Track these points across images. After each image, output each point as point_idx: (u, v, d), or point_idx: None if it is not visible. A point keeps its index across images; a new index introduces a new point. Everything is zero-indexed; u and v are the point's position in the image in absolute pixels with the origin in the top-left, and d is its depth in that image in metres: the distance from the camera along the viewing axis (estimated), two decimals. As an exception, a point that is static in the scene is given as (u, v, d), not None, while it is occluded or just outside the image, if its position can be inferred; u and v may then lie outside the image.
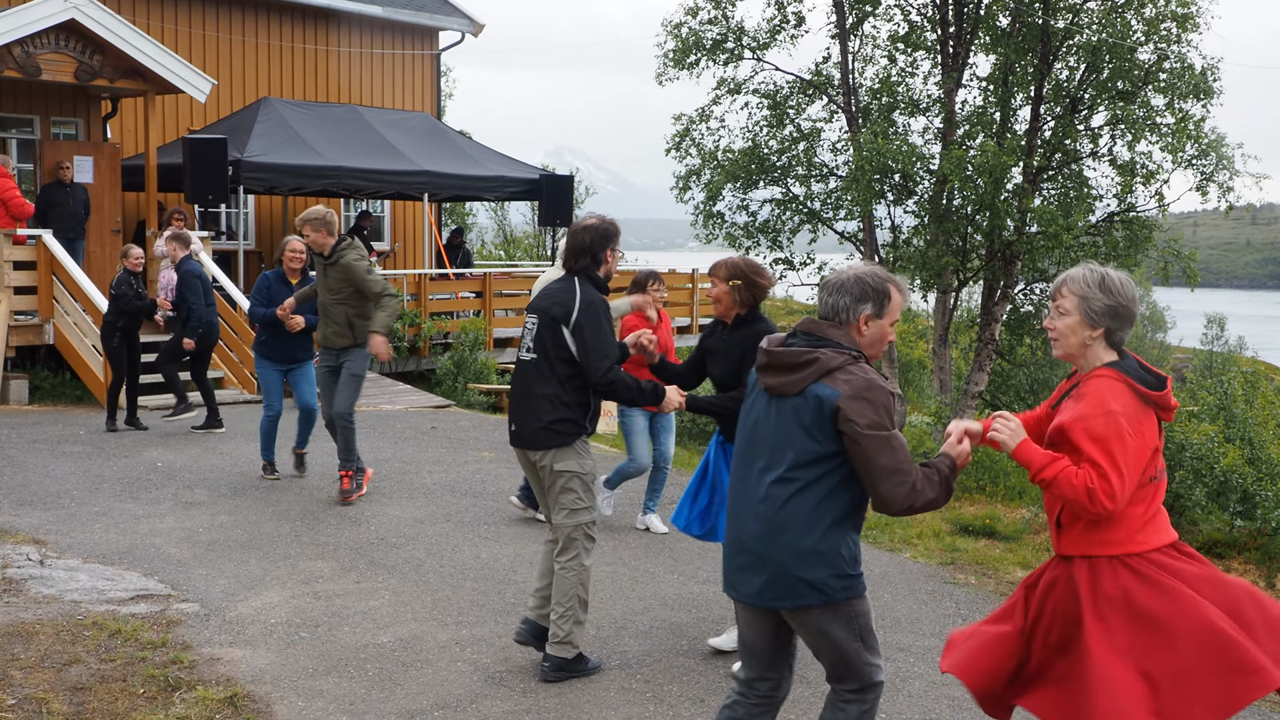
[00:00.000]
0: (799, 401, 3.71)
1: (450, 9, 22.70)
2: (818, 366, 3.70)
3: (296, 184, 18.09)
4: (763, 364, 3.81)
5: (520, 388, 5.51)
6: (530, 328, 5.48)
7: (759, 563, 3.77)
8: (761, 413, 3.82)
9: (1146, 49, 20.87)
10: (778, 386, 3.75)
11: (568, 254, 5.52)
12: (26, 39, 14.31)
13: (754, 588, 3.79)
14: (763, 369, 3.82)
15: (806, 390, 3.70)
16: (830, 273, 3.93)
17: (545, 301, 5.45)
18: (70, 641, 5.69)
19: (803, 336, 3.81)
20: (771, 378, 3.78)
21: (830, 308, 3.81)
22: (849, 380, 3.67)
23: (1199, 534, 12.09)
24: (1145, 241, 21.85)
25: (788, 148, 23.29)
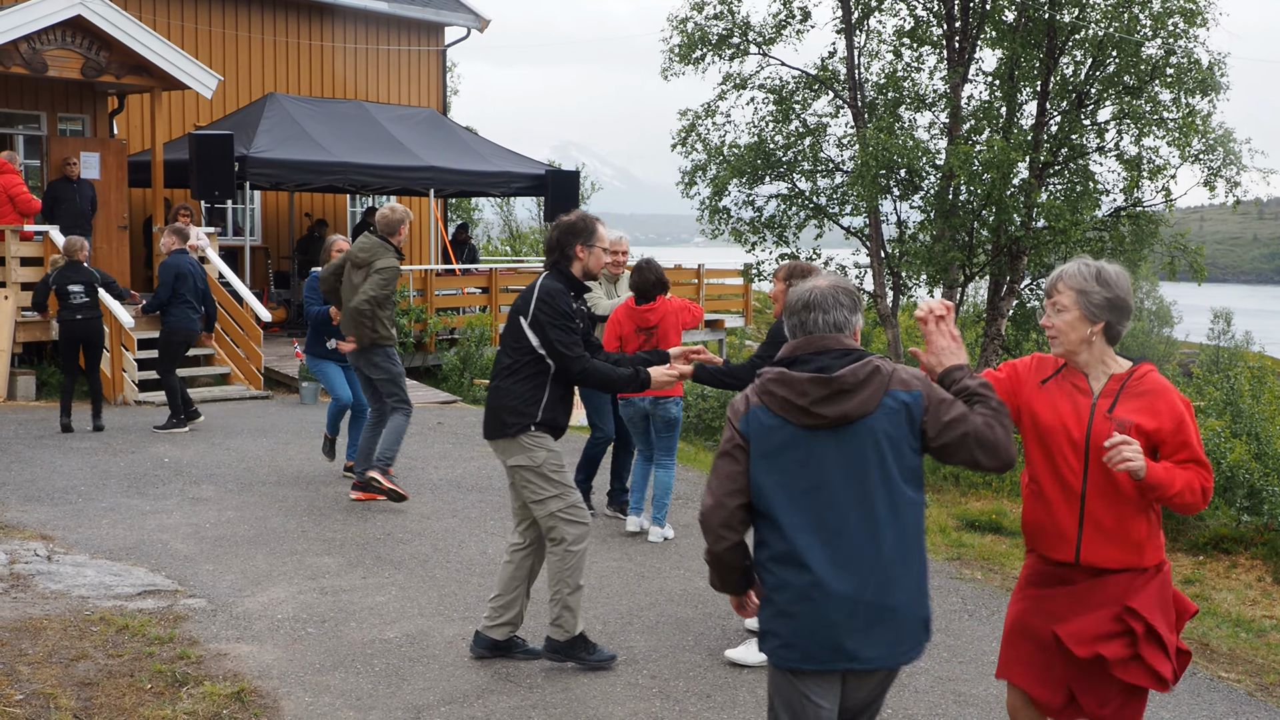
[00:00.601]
0: (878, 419, 3.32)
1: (456, 4, 22.70)
2: (883, 374, 3.35)
3: (302, 180, 18.11)
4: (824, 395, 3.32)
5: (491, 380, 5.68)
6: (507, 326, 5.62)
7: (889, 616, 3.31)
8: (821, 456, 3.34)
9: (1154, 44, 20.81)
10: (854, 410, 3.31)
11: (547, 248, 5.64)
12: (33, 35, 14.33)
13: (883, 649, 3.32)
14: (828, 399, 3.32)
15: (883, 402, 3.33)
16: (798, 292, 3.53)
17: (518, 299, 5.59)
18: (78, 637, 5.71)
19: (833, 355, 3.40)
20: (840, 404, 3.32)
21: (833, 324, 3.44)
22: (911, 376, 3.41)
23: (1205, 529, 12.08)
24: (1152, 236, 21.81)
25: (794, 143, 23.25)
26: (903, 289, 22.87)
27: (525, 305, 5.47)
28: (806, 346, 3.46)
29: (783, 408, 3.37)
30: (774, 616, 3.38)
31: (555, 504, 5.47)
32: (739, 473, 3.42)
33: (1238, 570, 11.08)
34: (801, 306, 3.50)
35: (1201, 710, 5.54)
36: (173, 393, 11.59)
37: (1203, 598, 9.40)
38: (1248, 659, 6.55)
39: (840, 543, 3.30)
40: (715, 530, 3.46)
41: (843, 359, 3.38)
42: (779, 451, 3.37)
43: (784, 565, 3.34)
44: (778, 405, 3.38)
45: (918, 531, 3.37)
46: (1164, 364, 36.56)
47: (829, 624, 3.29)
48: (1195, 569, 11.12)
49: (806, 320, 3.48)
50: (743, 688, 5.42)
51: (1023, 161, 20.23)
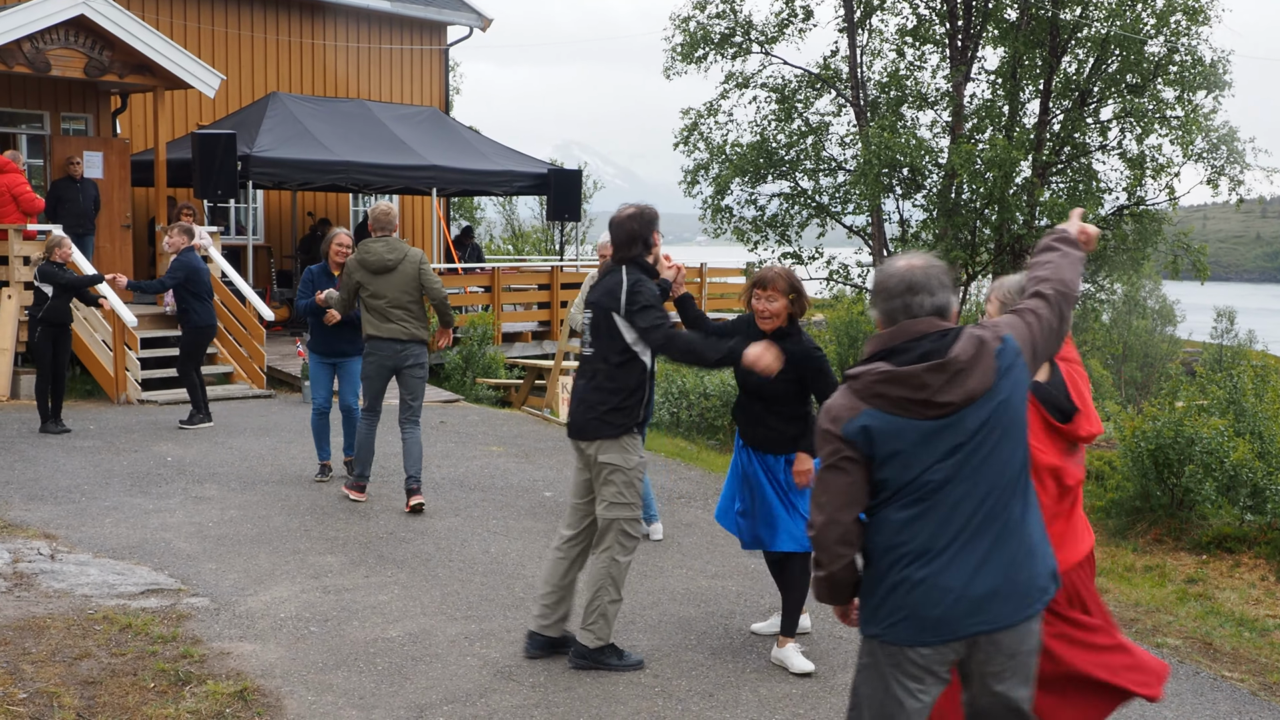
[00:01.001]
0: (1000, 388, 3.22)
1: (458, 4, 22.70)
2: (986, 340, 3.24)
3: (305, 179, 18.11)
4: (945, 381, 3.17)
5: (578, 380, 5.61)
6: (587, 322, 5.56)
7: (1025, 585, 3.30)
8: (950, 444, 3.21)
9: (1156, 42, 20.81)
10: (978, 386, 3.19)
11: (617, 245, 5.55)
12: (36, 35, 14.34)
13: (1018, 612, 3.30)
14: (949, 384, 3.17)
15: (997, 364, 3.23)
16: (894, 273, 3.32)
17: (597, 294, 5.53)
18: (81, 636, 5.71)
19: (932, 340, 3.25)
20: (963, 386, 3.18)
21: (936, 306, 3.28)
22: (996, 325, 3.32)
23: (1209, 528, 12.07)
24: (1155, 235, 21.82)
25: (796, 142, 23.26)
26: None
27: (614, 302, 5.42)
28: (901, 335, 3.27)
29: (900, 406, 3.20)
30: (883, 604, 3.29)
31: (625, 512, 5.48)
32: (851, 484, 3.24)
33: (1241, 569, 11.08)
34: (904, 289, 3.28)
35: (1205, 710, 5.53)
36: (194, 389, 11.75)
37: (1206, 597, 9.40)
38: (1251, 658, 6.55)
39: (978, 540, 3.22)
40: (831, 548, 3.28)
41: (942, 340, 3.23)
42: (908, 450, 3.21)
43: (916, 564, 3.23)
44: (893, 405, 3.20)
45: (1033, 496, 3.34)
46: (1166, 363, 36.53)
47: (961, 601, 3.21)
48: (1199, 568, 11.12)
49: (910, 303, 3.28)
50: (745, 686, 5.43)
51: (1025, 160, 20.24)
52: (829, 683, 5.46)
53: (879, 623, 3.30)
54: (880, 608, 3.29)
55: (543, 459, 10.66)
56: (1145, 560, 11.32)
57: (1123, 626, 6.78)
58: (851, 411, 3.24)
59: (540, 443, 11.52)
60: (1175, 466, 12.13)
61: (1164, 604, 7.64)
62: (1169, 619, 7.16)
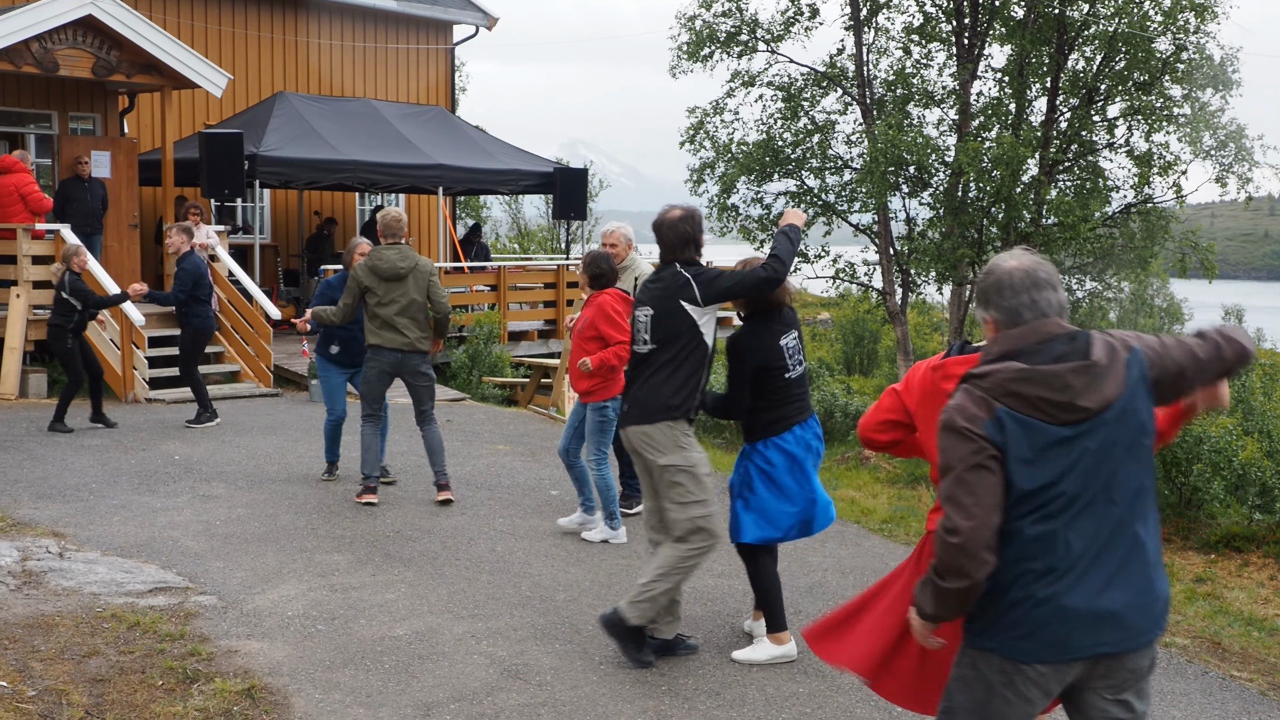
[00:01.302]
0: (1130, 390, 3.10)
1: (464, 3, 22.71)
2: (1115, 345, 3.13)
3: (312, 178, 18.13)
4: (1086, 384, 3.06)
5: (635, 377, 5.65)
6: (645, 320, 5.56)
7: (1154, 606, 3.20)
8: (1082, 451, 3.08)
9: (1164, 39, 20.75)
10: (1113, 392, 3.08)
11: (669, 247, 5.58)
12: (44, 35, 14.37)
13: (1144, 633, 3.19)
14: (1089, 388, 3.06)
15: (1126, 372, 3.11)
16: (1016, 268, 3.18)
17: (656, 293, 5.55)
18: (89, 633, 5.73)
19: (1062, 341, 3.12)
20: (1101, 390, 3.07)
21: (1059, 304, 3.19)
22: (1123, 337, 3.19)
23: (1217, 527, 12.04)
24: (1162, 233, 21.76)
25: (802, 140, 23.22)
26: (911, 286, 22.85)
27: (682, 290, 5.45)
28: (1032, 335, 3.12)
29: (1036, 407, 3.05)
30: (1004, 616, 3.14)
31: (699, 510, 5.49)
32: (996, 485, 3.06)
33: (1249, 569, 11.04)
34: (1030, 283, 3.14)
35: (1213, 709, 5.52)
36: (199, 388, 11.83)
37: (1214, 596, 9.38)
38: (1260, 658, 6.53)
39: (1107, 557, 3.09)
40: (979, 556, 3.04)
41: (1074, 342, 3.10)
42: (1039, 456, 3.05)
43: (1044, 580, 3.09)
44: (1027, 406, 3.05)
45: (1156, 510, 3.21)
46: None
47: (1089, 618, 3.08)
48: (1207, 567, 11.09)
49: (1038, 299, 3.14)
50: (752, 685, 5.42)
51: (1032, 158, 20.18)
52: (835, 682, 5.46)
53: (995, 636, 3.15)
54: (999, 621, 3.14)
55: (549, 458, 10.66)
56: (1153, 559, 11.30)
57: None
58: (987, 410, 3.08)
59: (546, 441, 11.52)
60: (1183, 465, 12.10)
61: (1172, 603, 7.61)
62: (1177, 618, 7.14)
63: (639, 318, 5.63)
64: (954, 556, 3.05)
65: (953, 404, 3.14)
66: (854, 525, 8.81)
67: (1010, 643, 3.13)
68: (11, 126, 17.03)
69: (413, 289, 8.49)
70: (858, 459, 16.65)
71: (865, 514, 9.53)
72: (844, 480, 12.71)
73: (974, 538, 3.03)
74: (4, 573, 6.60)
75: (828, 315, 33.34)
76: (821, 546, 7.92)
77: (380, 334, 8.50)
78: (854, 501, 10.16)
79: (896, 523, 9.03)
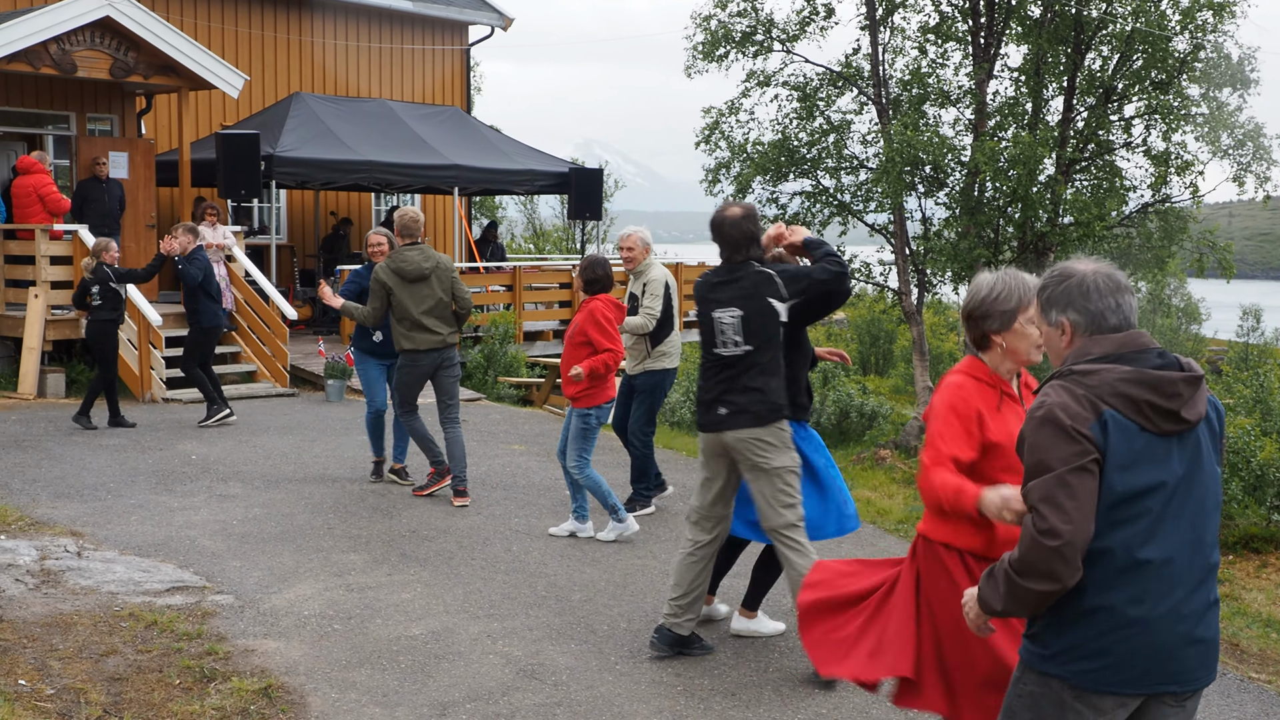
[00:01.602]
0: (1209, 416, 3.03)
1: (479, 3, 22.74)
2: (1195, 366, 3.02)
3: (328, 178, 18.18)
4: (1194, 396, 2.96)
5: (725, 380, 5.49)
6: (732, 321, 5.45)
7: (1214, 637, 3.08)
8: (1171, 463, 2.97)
9: (1182, 38, 20.66)
10: (1204, 408, 3.00)
11: (735, 246, 5.49)
12: (63, 36, 14.45)
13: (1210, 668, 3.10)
14: (1195, 400, 2.97)
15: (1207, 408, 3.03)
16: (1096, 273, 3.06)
17: (740, 292, 5.45)
18: (107, 632, 5.76)
19: (1157, 353, 3.01)
20: (1198, 405, 2.97)
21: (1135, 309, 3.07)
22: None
23: (1235, 529, 11.98)
24: (1180, 233, 21.66)
25: (817, 140, 23.19)
26: (928, 286, 22.80)
27: (767, 286, 5.41)
28: (1133, 343, 3.00)
29: (1142, 412, 2.92)
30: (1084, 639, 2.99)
31: (794, 515, 5.49)
32: (1096, 489, 2.92)
33: (1268, 570, 10.99)
34: (1114, 288, 3.03)
35: (1231, 711, 5.49)
36: (203, 384, 11.74)
37: (1232, 597, 9.33)
38: (1278, 659, 6.50)
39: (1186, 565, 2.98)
40: (1075, 562, 2.91)
41: (1163, 357, 2.98)
42: (1133, 463, 2.92)
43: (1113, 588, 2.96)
44: (1134, 409, 2.92)
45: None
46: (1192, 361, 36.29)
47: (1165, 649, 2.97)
48: (1225, 568, 11.04)
49: (1122, 304, 3.02)
50: (767, 686, 5.42)
51: (1049, 158, 20.11)
52: (844, 688, 5.44)
53: (1062, 663, 3.03)
54: (1070, 645, 3.01)
55: (565, 458, 10.66)
56: (1170, 560, 11.27)
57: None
58: (1092, 410, 2.93)
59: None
60: (1201, 466, 12.05)
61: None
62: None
63: (722, 319, 5.45)
64: (1048, 560, 2.90)
65: (1053, 400, 2.96)
66: (870, 526, 8.79)
67: (1080, 672, 3.00)
68: (30, 127, 17.12)
69: (438, 288, 8.54)
70: (873, 459, 16.62)
71: (881, 514, 9.52)
72: (860, 480, 12.69)
73: (1073, 542, 2.89)
74: (22, 571, 6.64)
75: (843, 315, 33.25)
76: (838, 547, 7.90)
77: (411, 336, 8.51)
78: (869, 502, 10.14)
79: (912, 523, 9.01)
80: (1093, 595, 2.96)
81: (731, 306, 5.46)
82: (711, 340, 5.52)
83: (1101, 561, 2.95)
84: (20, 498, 8.52)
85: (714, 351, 5.52)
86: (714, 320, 5.50)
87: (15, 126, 16.83)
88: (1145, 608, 2.94)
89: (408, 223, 8.62)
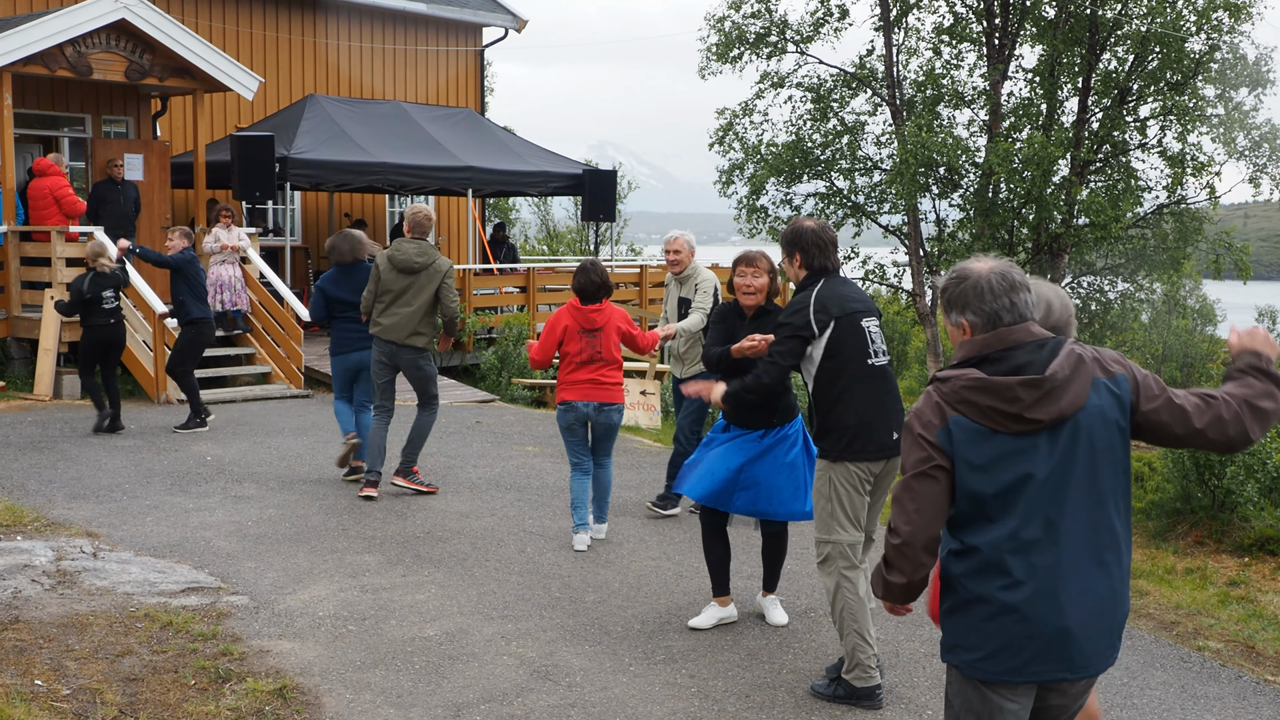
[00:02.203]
0: (1094, 407, 3.08)
1: (494, 5, 22.78)
2: (1089, 362, 3.10)
3: (342, 180, 18.23)
4: (1038, 398, 3.04)
5: (874, 396, 5.25)
6: (878, 331, 5.34)
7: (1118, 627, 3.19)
8: (1035, 460, 3.07)
9: (1197, 39, 20.59)
10: (1069, 407, 3.05)
11: (827, 254, 5.33)
12: (78, 39, 14.52)
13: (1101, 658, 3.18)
14: (1041, 401, 3.04)
15: (1093, 389, 3.09)
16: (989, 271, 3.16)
17: (867, 303, 5.38)
18: (123, 633, 5.78)
19: (1028, 350, 3.11)
20: (1054, 404, 3.05)
21: (1030, 305, 3.16)
22: (1110, 358, 3.14)
23: (1251, 530, 11.92)
24: (1195, 234, 21.60)
25: (831, 141, 23.19)
26: (942, 288, 22.76)
27: (875, 307, 5.40)
28: (997, 342, 3.11)
29: (988, 416, 3.07)
30: (969, 630, 3.16)
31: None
32: (940, 493, 3.12)
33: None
34: (1009, 287, 3.13)
35: (1248, 714, 5.47)
36: (193, 391, 11.66)
37: (1248, 600, 9.28)
38: (1294, 662, 6.46)
39: (1071, 553, 3.08)
40: (918, 559, 3.14)
41: (1039, 351, 3.09)
42: (991, 463, 3.07)
43: (988, 579, 3.11)
44: (980, 414, 3.08)
45: (1127, 530, 3.16)
46: (1207, 363, 36.17)
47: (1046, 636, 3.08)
48: (1240, 570, 10.98)
49: (1017, 302, 3.13)
50: (781, 687, 5.41)
51: (1064, 159, 20.07)
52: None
53: (956, 654, 3.20)
54: (957, 636, 3.19)
55: (578, 459, 10.66)
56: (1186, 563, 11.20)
57: (1163, 630, 6.72)
58: (940, 417, 3.12)
59: (576, 443, 11.53)
60: (1216, 468, 11.99)
61: (1205, 607, 7.54)
62: (1210, 622, 7.07)
63: (870, 330, 5.26)
64: (894, 555, 3.19)
65: (915, 407, 3.18)
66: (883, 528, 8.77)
67: (973, 663, 3.16)
68: (46, 130, 17.21)
69: (425, 285, 8.76)
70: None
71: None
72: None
73: (911, 542, 3.13)
74: (39, 572, 6.67)
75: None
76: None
77: (379, 321, 8.82)
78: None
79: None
80: (970, 588, 3.14)
81: (874, 316, 5.32)
82: (865, 351, 5.22)
83: (974, 556, 3.13)
84: (36, 498, 8.56)
85: (868, 363, 5.23)
86: (865, 329, 5.24)
87: (31, 129, 16.92)
88: (1020, 595, 3.07)
89: (420, 220, 8.86)
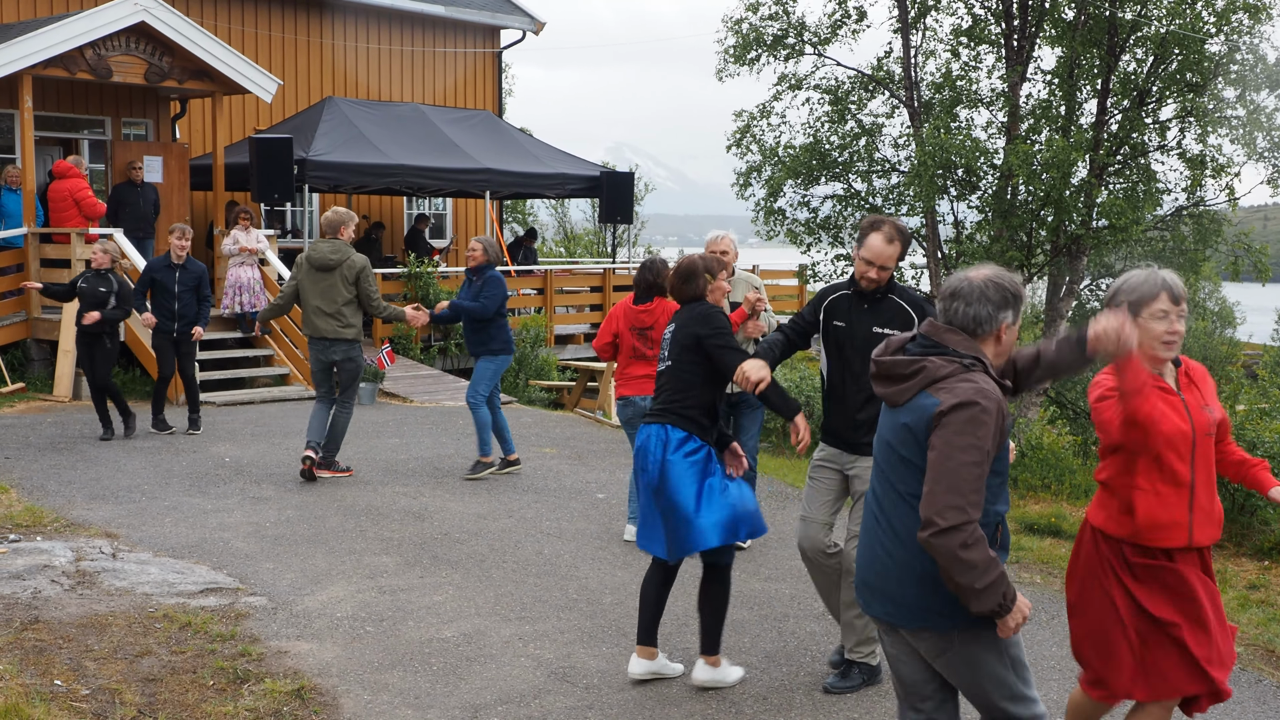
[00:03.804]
0: (903, 413, 3.51)
1: (511, 7, 22.81)
2: (924, 375, 3.48)
3: (360, 182, 18.29)
4: (873, 373, 3.63)
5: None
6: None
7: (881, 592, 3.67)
8: (884, 425, 3.63)
9: (1217, 40, 20.47)
10: (890, 397, 3.57)
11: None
12: (98, 41, 14.59)
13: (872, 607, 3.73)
14: (874, 378, 3.63)
15: (912, 401, 3.49)
16: (954, 279, 3.60)
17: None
18: (142, 633, 5.80)
19: (920, 341, 3.59)
20: (880, 387, 3.60)
21: (971, 318, 3.52)
22: (954, 389, 3.42)
23: (1270, 534, 11.84)
24: (1214, 236, 21.47)
25: (849, 143, 23.11)
26: (960, 290, 22.66)
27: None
28: (928, 331, 3.61)
29: None
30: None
31: None
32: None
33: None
34: (949, 294, 3.60)
35: (1268, 718, 5.43)
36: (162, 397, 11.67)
37: (1268, 603, 9.22)
38: (1316, 667, 6.41)
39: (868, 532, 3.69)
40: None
41: (922, 347, 3.56)
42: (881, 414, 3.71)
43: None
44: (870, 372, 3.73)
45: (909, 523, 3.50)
46: (1227, 365, 35.95)
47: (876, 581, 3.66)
48: (1260, 574, 10.91)
49: (948, 308, 3.59)
50: (799, 690, 5.40)
51: (1083, 161, 19.97)
52: (882, 686, 5.42)
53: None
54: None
55: (596, 461, 10.67)
56: (1206, 566, 11.15)
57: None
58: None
59: (593, 445, 11.54)
60: (1236, 471, 11.92)
61: (1225, 610, 7.50)
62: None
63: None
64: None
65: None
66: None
67: None
68: (66, 132, 17.31)
69: (339, 281, 9.28)
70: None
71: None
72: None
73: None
74: (58, 573, 6.71)
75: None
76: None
77: (311, 321, 9.38)
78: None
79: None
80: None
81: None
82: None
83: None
84: (56, 499, 8.61)
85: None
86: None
87: (51, 131, 17.01)
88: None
89: (330, 219, 9.54)
